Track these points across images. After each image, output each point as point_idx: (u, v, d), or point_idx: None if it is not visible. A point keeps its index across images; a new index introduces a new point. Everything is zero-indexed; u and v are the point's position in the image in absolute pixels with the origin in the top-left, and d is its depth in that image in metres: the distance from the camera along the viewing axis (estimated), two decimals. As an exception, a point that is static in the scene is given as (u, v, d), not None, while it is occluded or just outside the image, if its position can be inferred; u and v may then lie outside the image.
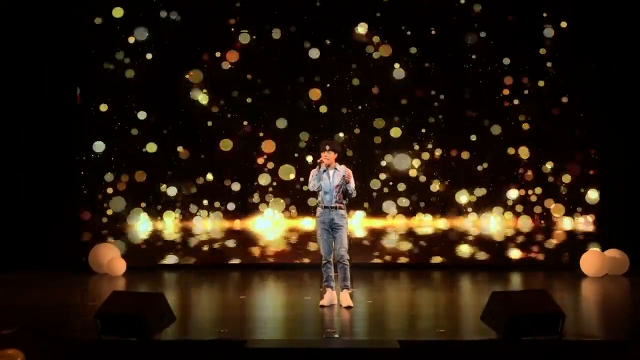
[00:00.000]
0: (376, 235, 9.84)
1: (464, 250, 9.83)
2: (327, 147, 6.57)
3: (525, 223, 9.75)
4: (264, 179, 9.75)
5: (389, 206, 9.77)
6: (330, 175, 6.56)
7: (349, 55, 9.79)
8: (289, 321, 6.15)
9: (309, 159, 9.59)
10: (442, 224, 9.84)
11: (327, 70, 9.78)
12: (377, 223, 9.86)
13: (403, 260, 9.79)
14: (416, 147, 9.79)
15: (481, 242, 9.81)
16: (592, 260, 8.88)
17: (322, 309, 6.40)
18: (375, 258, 9.79)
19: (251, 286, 8.37)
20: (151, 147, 9.76)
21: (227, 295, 7.61)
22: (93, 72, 9.76)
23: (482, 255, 9.79)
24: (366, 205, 9.73)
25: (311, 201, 9.37)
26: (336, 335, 5.20)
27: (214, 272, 9.41)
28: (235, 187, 9.79)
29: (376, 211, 9.78)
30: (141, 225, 9.80)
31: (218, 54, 9.77)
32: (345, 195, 6.57)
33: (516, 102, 9.75)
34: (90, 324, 5.06)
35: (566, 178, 9.72)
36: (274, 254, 9.85)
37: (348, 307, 6.36)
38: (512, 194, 9.73)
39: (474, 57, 9.76)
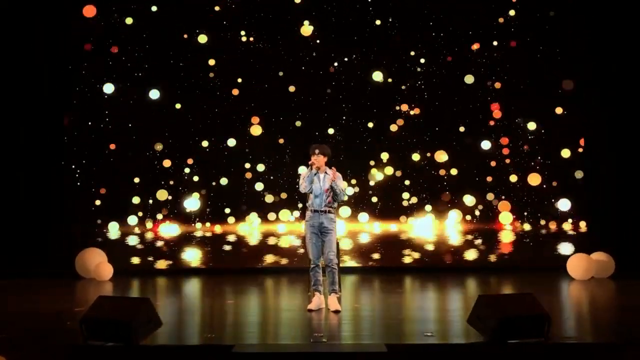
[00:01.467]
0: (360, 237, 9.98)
1: (451, 252, 9.93)
2: (317, 151, 6.61)
3: (506, 217, 9.90)
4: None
5: (374, 175, 9.96)
6: (321, 179, 6.59)
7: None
8: (276, 325, 6.13)
9: (298, 123, 9.93)
10: (428, 213, 9.99)
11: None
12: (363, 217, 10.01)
13: (393, 263, 9.87)
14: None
15: (467, 243, 9.96)
16: (578, 263, 8.95)
17: (309, 313, 6.40)
18: (364, 262, 9.87)
19: (238, 290, 8.34)
20: (154, 94, 9.92)
21: (214, 300, 7.57)
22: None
23: (469, 258, 9.88)
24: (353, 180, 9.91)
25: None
26: (324, 340, 5.20)
27: (201, 277, 9.39)
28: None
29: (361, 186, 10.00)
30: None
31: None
32: (334, 196, 6.59)
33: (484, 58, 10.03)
34: (76, 329, 5.02)
35: (531, 125, 9.90)
36: (263, 257, 9.91)
37: (336, 311, 6.37)
38: (486, 145, 9.93)
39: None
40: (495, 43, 9.98)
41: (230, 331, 5.84)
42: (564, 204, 9.89)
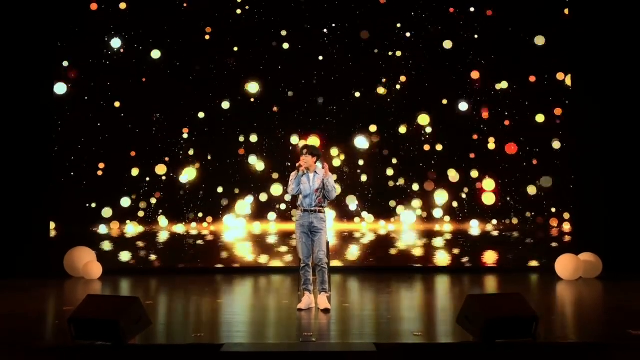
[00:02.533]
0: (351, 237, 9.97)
1: (441, 252, 9.96)
2: (305, 151, 6.61)
3: (490, 197, 9.98)
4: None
5: (361, 142, 10.02)
6: (310, 179, 6.59)
7: None
8: (266, 325, 6.13)
9: (290, 93, 10.01)
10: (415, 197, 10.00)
11: None
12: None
13: (381, 263, 9.89)
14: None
15: (455, 242, 9.97)
16: (566, 264, 9.01)
17: (299, 312, 6.41)
18: (353, 262, 9.89)
19: (228, 290, 8.34)
20: (155, 54, 9.97)
21: (204, 299, 7.56)
22: None
23: (457, 258, 9.93)
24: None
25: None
26: (313, 339, 5.21)
27: (190, 276, 9.36)
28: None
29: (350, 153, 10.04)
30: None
31: None
32: (325, 195, 6.58)
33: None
34: (64, 328, 5.00)
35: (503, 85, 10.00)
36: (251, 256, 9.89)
37: (326, 311, 6.38)
38: (463, 106, 9.98)
39: None
40: (472, 9, 10.09)
41: (219, 330, 5.83)
42: (546, 181, 9.97)
